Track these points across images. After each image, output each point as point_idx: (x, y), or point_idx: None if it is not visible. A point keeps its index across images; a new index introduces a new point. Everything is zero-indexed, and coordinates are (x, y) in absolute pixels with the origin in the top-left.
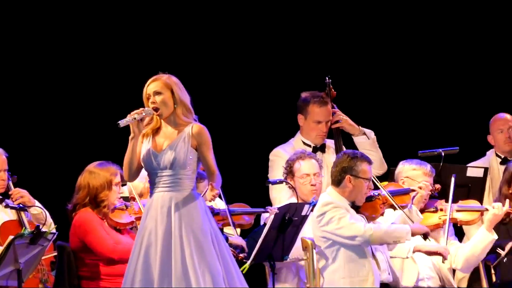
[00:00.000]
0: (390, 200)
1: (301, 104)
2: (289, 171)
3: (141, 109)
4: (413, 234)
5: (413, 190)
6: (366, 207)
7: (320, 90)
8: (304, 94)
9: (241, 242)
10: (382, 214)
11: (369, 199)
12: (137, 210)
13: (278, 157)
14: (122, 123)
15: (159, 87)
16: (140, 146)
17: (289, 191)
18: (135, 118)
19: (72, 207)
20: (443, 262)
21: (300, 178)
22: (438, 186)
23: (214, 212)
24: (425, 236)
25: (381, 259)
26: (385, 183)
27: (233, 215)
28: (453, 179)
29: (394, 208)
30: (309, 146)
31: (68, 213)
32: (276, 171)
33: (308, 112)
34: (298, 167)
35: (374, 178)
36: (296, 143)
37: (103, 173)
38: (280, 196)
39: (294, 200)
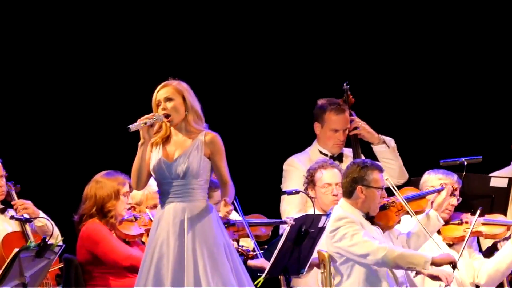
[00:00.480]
0: (406, 207)
1: (318, 112)
2: (310, 180)
3: (151, 114)
4: (437, 265)
5: (435, 192)
6: (381, 217)
7: (337, 96)
8: (320, 101)
9: (262, 263)
10: (399, 222)
11: (383, 207)
12: (147, 222)
13: (292, 166)
14: (133, 127)
15: (170, 93)
16: (150, 155)
17: (299, 205)
18: (145, 123)
19: (78, 218)
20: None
21: (322, 188)
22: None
23: (230, 223)
24: (454, 265)
25: (399, 273)
26: (410, 188)
27: (250, 226)
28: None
29: (410, 215)
30: (326, 155)
31: (75, 225)
32: (289, 181)
33: (325, 120)
34: (320, 176)
35: (389, 182)
36: (312, 152)
37: (110, 182)
38: (289, 208)
39: (303, 213)
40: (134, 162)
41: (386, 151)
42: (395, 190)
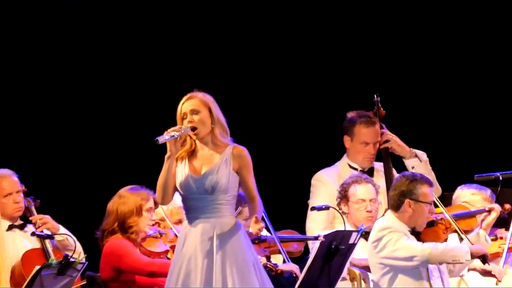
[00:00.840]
0: (454, 225)
1: (347, 125)
2: (344, 196)
3: (178, 126)
4: (472, 256)
5: (485, 211)
6: (428, 233)
7: (367, 109)
8: (350, 114)
9: (291, 267)
10: (445, 240)
11: (431, 224)
12: (173, 238)
13: (320, 182)
14: (161, 139)
15: (197, 105)
16: (175, 169)
17: (325, 222)
18: (173, 136)
19: (100, 234)
20: (496, 284)
21: (355, 204)
22: (508, 206)
23: (261, 239)
24: (484, 259)
25: (437, 284)
26: (459, 206)
27: (281, 242)
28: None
29: (459, 234)
30: (356, 169)
31: (98, 241)
32: (317, 197)
33: (355, 133)
34: (354, 192)
35: (436, 200)
36: (342, 167)
37: (133, 197)
38: (314, 226)
39: (328, 231)
40: (160, 176)
41: (418, 165)
42: (442, 207)
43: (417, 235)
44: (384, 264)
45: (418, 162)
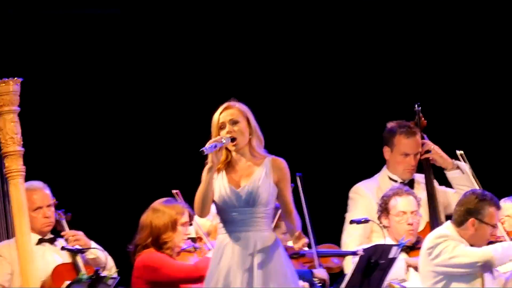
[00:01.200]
0: None
1: (387, 135)
2: (384, 208)
3: (219, 137)
4: None
5: None
6: None
7: (408, 119)
8: (390, 124)
9: (324, 275)
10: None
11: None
12: (207, 252)
13: (358, 194)
14: (207, 150)
15: (235, 115)
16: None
17: (361, 237)
18: (216, 146)
19: (133, 249)
20: None
21: (396, 216)
22: None
23: (300, 254)
24: None
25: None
26: None
27: (320, 257)
28: None
29: None
30: (396, 181)
31: (130, 255)
32: (354, 210)
33: (395, 143)
34: (394, 204)
35: (501, 227)
36: (382, 179)
37: (168, 211)
38: (349, 241)
39: (364, 246)
40: (200, 187)
41: (461, 177)
42: (503, 230)
43: None
44: (438, 272)
45: (460, 174)
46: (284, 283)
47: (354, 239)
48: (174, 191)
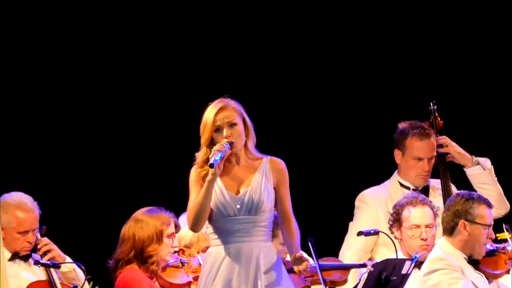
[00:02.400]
0: None
1: (398, 137)
2: (396, 219)
3: (219, 145)
4: None
5: None
6: (487, 263)
7: (422, 119)
8: (401, 125)
9: None
10: (508, 272)
11: (491, 253)
12: (196, 267)
13: (364, 203)
14: (216, 162)
15: (233, 117)
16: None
17: (361, 251)
18: (221, 156)
19: (114, 264)
20: None
21: (408, 230)
22: None
23: None
24: None
25: None
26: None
27: (323, 270)
28: None
29: None
30: (408, 188)
31: (110, 272)
32: (360, 219)
33: (407, 146)
34: (407, 216)
35: (505, 228)
36: (392, 186)
37: (152, 222)
38: (348, 253)
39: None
40: (197, 199)
41: (481, 174)
42: (507, 233)
43: (475, 264)
44: None
45: (481, 170)
46: None
47: (352, 252)
48: None
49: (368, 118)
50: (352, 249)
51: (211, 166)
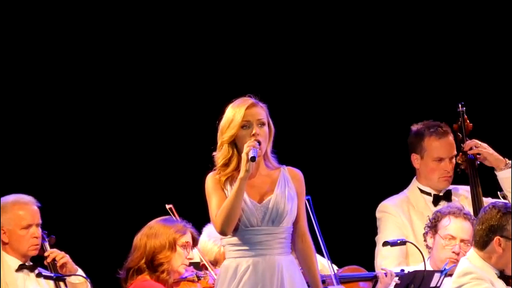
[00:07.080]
0: None
1: (414, 140)
2: (433, 225)
3: (252, 141)
4: None
5: None
6: None
7: (450, 122)
8: (415, 127)
9: None
10: None
11: None
12: (213, 283)
13: (386, 213)
14: (256, 154)
15: (263, 116)
16: (222, 193)
17: (399, 257)
18: (256, 151)
19: (125, 274)
20: None
21: (443, 239)
22: None
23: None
24: None
25: None
26: None
27: (343, 282)
28: None
29: None
30: (428, 194)
31: (121, 283)
32: (385, 230)
33: (425, 148)
34: (446, 225)
35: None
36: (411, 193)
37: (165, 230)
38: (386, 263)
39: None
40: (230, 198)
41: None
42: None
43: (506, 279)
44: None
45: None
46: None
47: (390, 261)
48: (168, 206)
49: (390, 123)
50: (388, 259)
51: (253, 159)
